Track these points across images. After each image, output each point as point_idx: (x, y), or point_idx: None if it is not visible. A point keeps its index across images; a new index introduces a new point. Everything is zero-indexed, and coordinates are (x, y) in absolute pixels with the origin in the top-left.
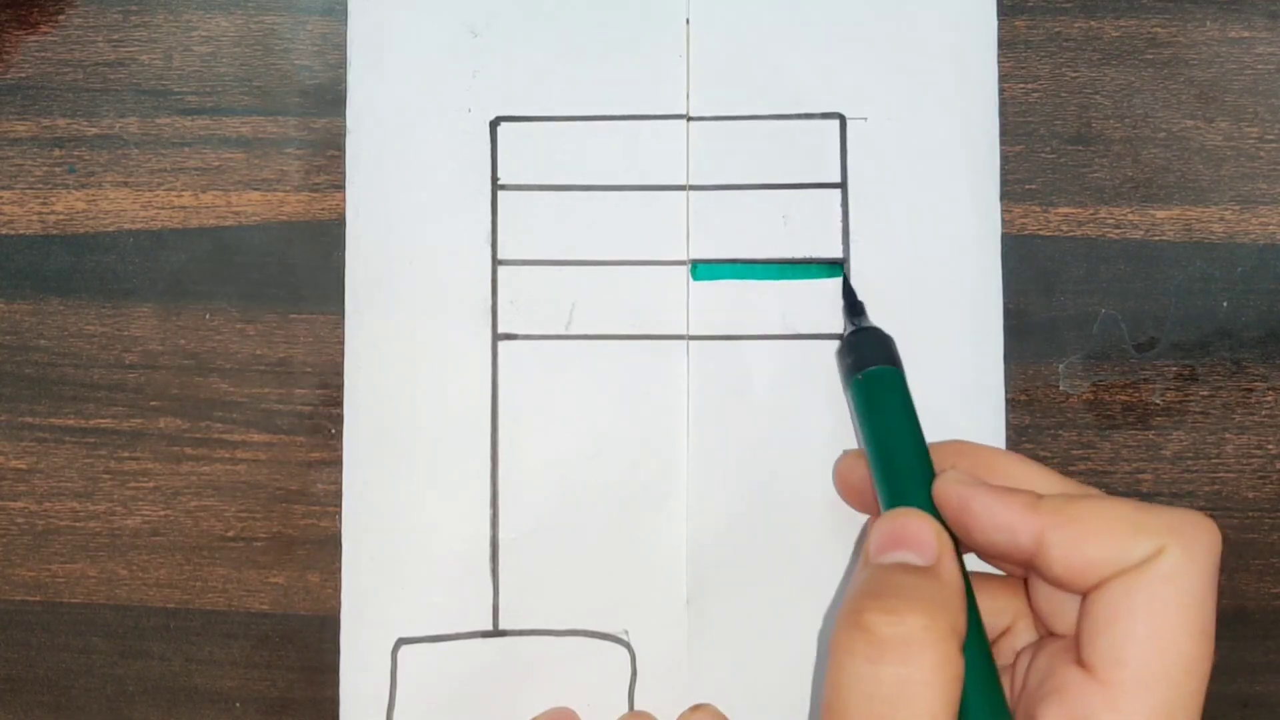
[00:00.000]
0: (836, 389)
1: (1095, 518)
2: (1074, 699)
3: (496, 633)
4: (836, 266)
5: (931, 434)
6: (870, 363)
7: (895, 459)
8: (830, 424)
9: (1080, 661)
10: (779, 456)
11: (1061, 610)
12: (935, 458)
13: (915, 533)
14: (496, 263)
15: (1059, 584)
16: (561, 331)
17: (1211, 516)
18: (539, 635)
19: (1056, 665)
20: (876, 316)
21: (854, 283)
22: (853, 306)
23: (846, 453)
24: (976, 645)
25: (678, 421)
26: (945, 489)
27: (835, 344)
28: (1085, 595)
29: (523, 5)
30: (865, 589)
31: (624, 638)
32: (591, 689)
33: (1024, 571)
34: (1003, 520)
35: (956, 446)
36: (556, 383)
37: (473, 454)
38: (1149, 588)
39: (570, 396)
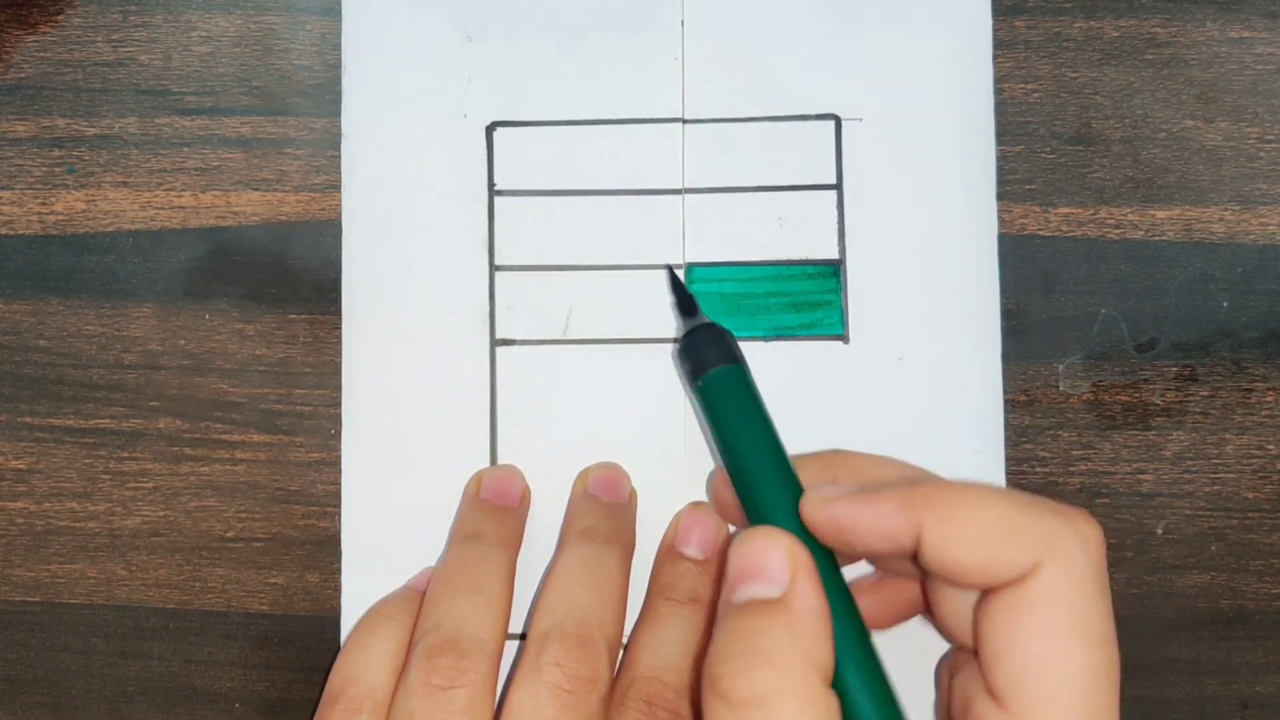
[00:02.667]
0: (834, 390)
1: (969, 517)
2: None
3: None
4: (834, 268)
5: (930, 434)
6: (710, 364)
7: (748, 468)
8: (829, 425)
9: (989, 690)
10: None
11: (956, 619)
12: (808, 473)
13: (761, 559)
14: (494, 268)
15: (943, 579)
16: (559, 336)
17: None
18: None
19: (971, 692)
20: (875, 318)
21: (851, 283)
22: (683, 304)
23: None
24: (857, 663)
25: (676, 425)
26: (811, 512)
27: (835, 345)
28: (976, 614)
29: (517, 10)
30: (717, 646)
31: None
32: None
33: (919, 573)
34: (877, 527)
35: (828, 458)
36: (554, 387)
37: (472, 458)
38: (1034, 609)
39: (568, 400)
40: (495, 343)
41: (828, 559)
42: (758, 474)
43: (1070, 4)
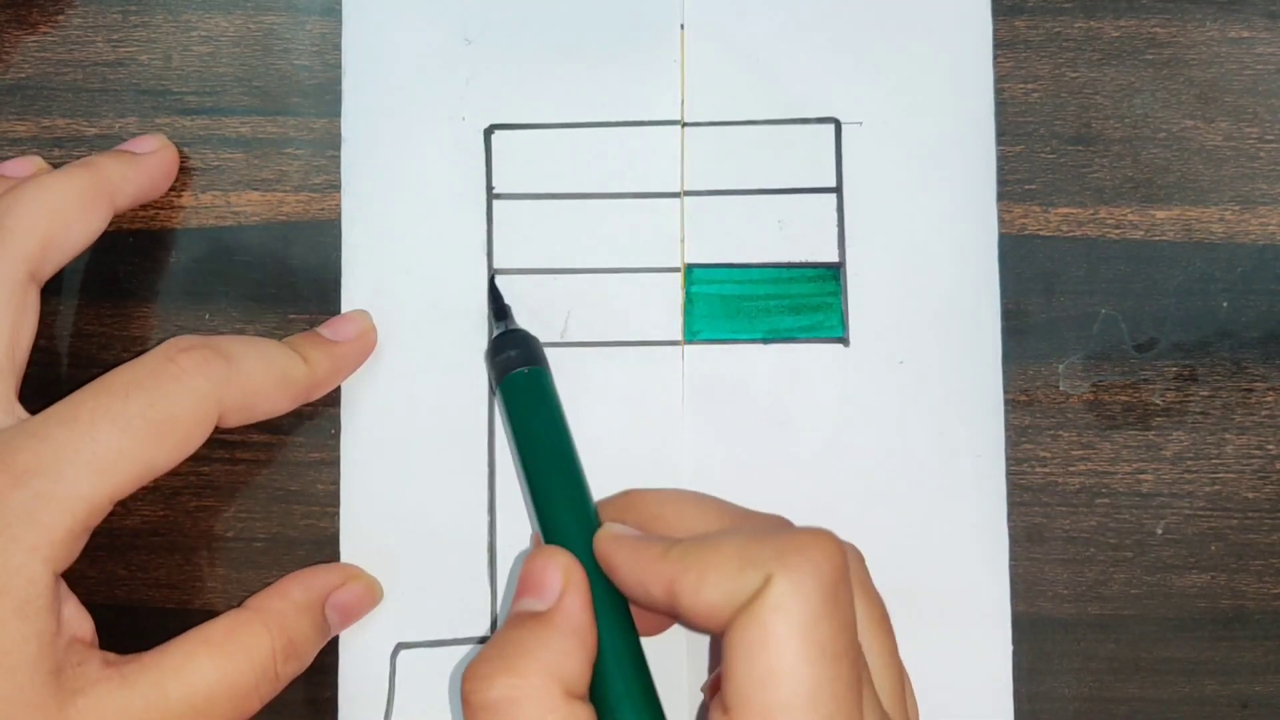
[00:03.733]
0: (833, 391)
1: (711, 558)
2: None
3: None
4: (834, 271)
5: (930, 436)
6: (511, 366)
7: (544, 482)
8: (828, 426)
9: (724, 707)
10: (775, 460)
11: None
12: (606, 512)
13: (538, 574)
14: (492, 271)
15: (701, 630)
16: (557, 339)
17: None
18: None
19: (712, 713)
20: (875, 320)
21: (851, 286)
22: (499, 310)
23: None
24: (624, 678)
25: (674, 427)
26: (596, 547)
27: (833, 348)
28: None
29: (516, 12)
30: (480, 651)
31: None
32: None
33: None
34: (637, 575)
35: (626, 499)
36: None
37: (470, 459)
38: (760, 621)
39: (567, 403)
40: (490, 330)
41: (613, 588)
42: (554, 489)
43: (1070, 4)
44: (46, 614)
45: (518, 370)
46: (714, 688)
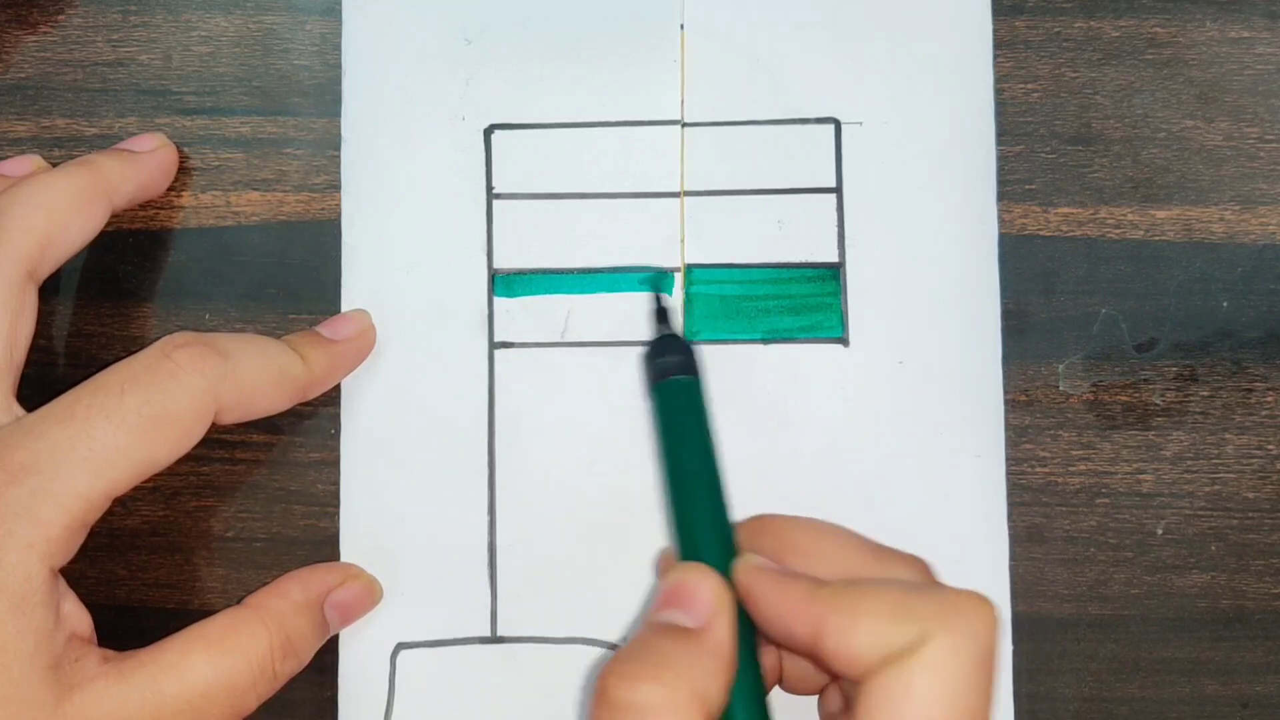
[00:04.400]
0: (834, 392)
1: (864, 605)
2: None
3: (495, 639)
4: (834, 271)
5: (930, 436)
6: (671, 371)
7: (689, 497)
8: (828, 426)
9: None
10: (776, 460)
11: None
12: (740, 537)
13: (690, 591)
14: (492, 271)
15: (840, 675)
16: (557, 339)
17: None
18: (537, 643)
19: None
20: (875, 321)
21: (851, 286)
22: (661, 313)
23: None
24: (749, 713)
25: None
26: (736, 576)
27: (833, 348)
28: (860, 690)
29: (516, 12)
30: (623, 651)
31: (622, 645)
32: (589, 696)
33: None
34: (779, 612)
35: (759, 524)
36: (553, 390)
37: (470, 460)
38: (911, 678)
39: (567, 403)
40: (494, 345)
41: (748, 620)
42: (699, 506)
43: (1070, 4)
44: (43, 610)
45: (676, 376)
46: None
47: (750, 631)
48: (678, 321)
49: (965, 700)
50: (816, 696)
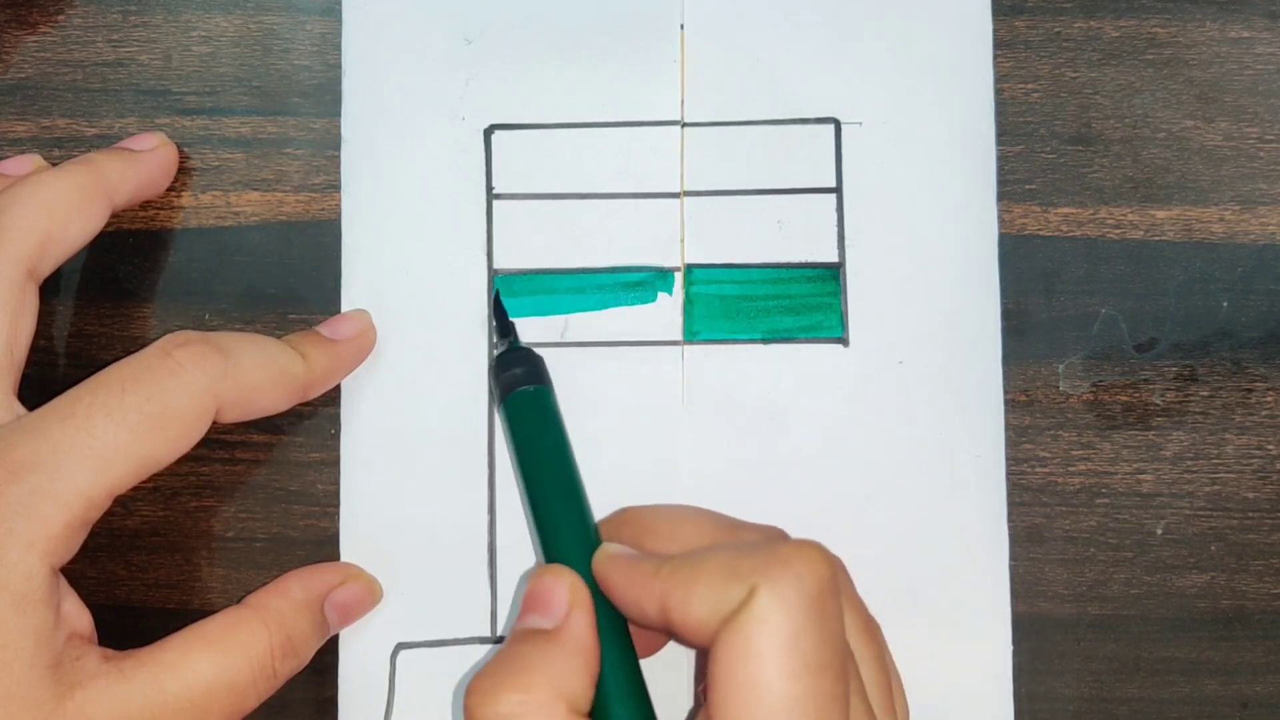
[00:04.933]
0: (832, 393)
1: (698, 572)
2: None
3: (495, 639)
4: (834, 271)
5: (930, 436)
6: (515, 384)
7: (546, 502)
8: (827, 427)
9: (708, 719)
10: (775, 461)
11: None
12: (605, 531)
13: (545, 592)
14: (492, 271)
15: (693, 646)
16: (556, 339)
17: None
18: None
19: None
20: (874, 321)
21: (851, 286)
22: (503, 327)
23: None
24: (624, 697)
25: (674, 428)
26: (594, 566)
27: (832, 348)
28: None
29: (516, 12)
30: (486, 665)
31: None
32: None
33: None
34: (632, 594)
35: (623, 517)
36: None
37: (470, 460)
38: (743, 633)
39: (565, 404)
40: (494, 345)
41: (615, 610)
42: (556, 511)
43: (1070, 4)
44: (44, 608)
45: (521, 389)
46: (701, 702)
47: (620, 621)
48: (516, 328)
49: (803, 644)
50: None
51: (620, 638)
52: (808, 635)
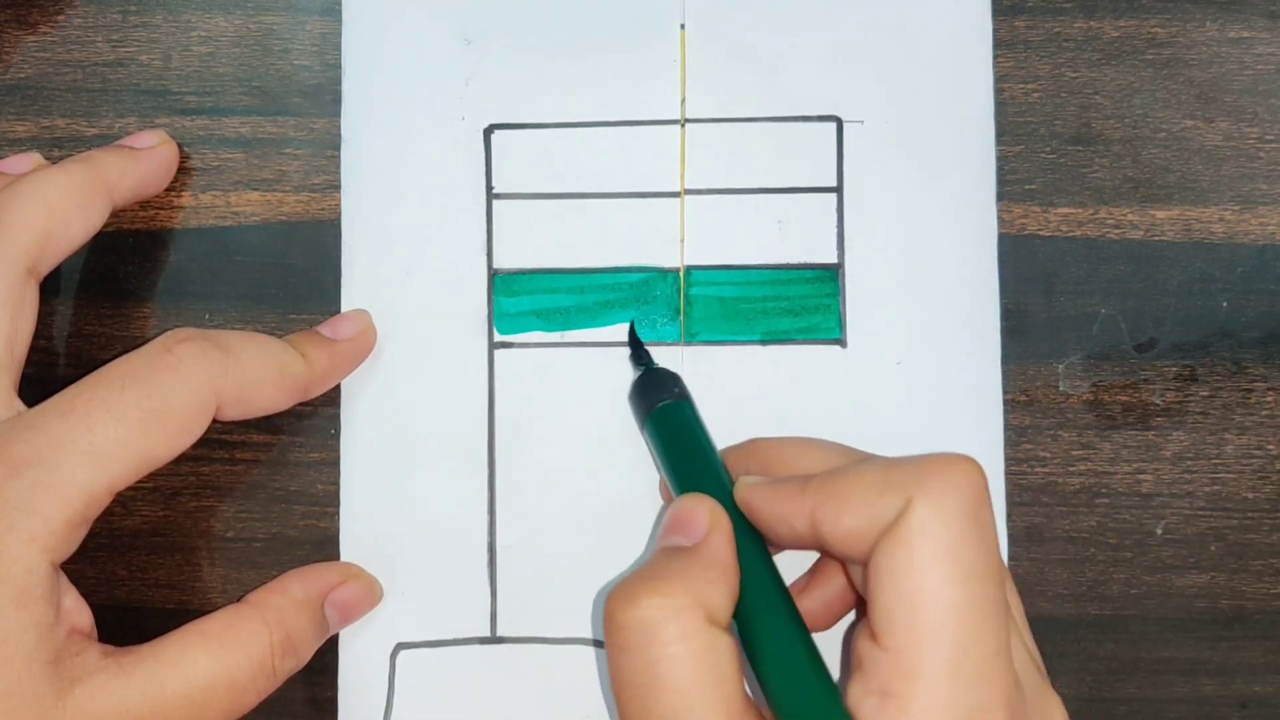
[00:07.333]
0: (832, 394)
1: (849, 486)
2: (870, 672)
3: (495, 639)
4: (833, 273)
5: (929, 436)
6: (662, 399)
7: (694, 481)
8: (826, 428)
9: (871, 633)
10: None
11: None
12: (731, 461)
13: (687, 514)
14: (492, 272)
15: (846, 559)
16: (557, 339)
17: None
18: (537, 643)
19: (857, 641)
20: (873, 322)
21: (850, 287)
22: (638, 354)
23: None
24: (770, 619)
25: None
26: (737, 495)
27: (832, 350)
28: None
29: (516, 12)
30: (627, 577)
31: None
32: (589, 697)
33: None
34: (779, 512)
35: (747, 447)
36: (553, 390)
37: (470, 460)
38: (904, 545)
39: (567, 403)
40: (494, 345)
41: (756, 537)
42: (695, 465)
43: (1070, 4)
44: (44, 604)
45: (668, 401)
46: (859, 614)
47: (761, 547)
48: (650, 353)
49: (965, 553)
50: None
51: (762, 560)
52: (968, 543)
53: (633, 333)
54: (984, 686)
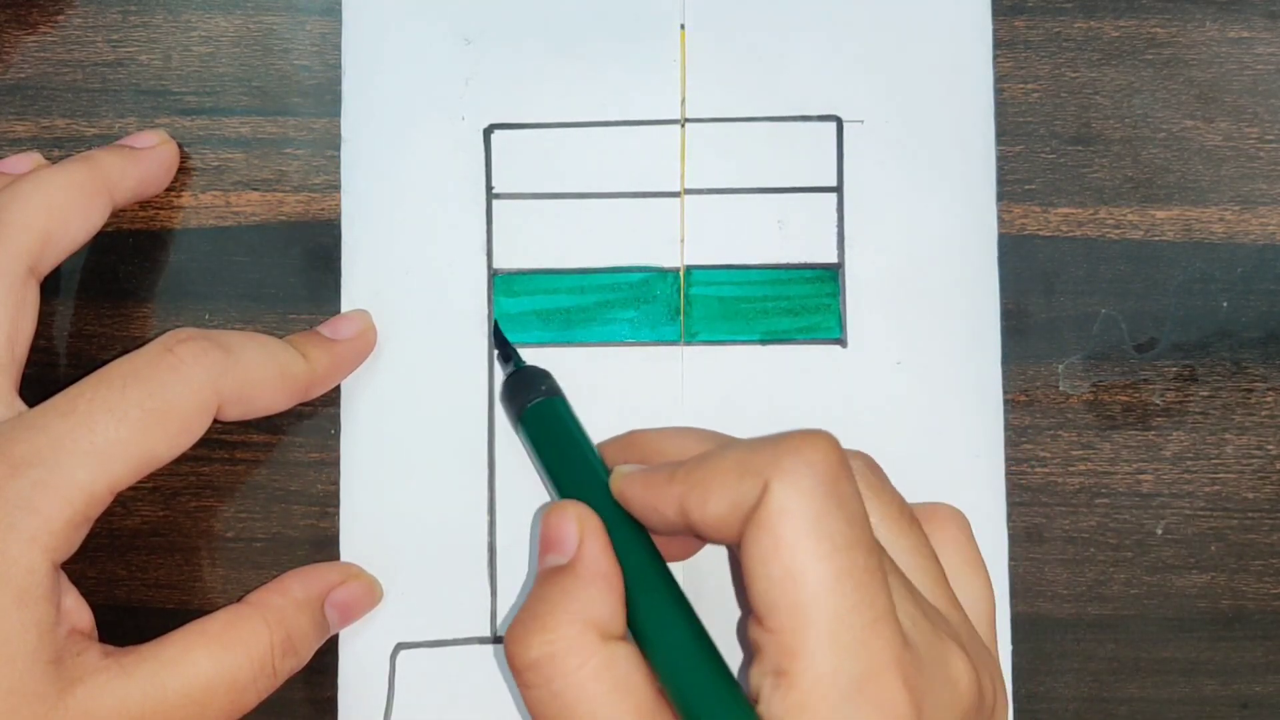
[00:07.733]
0: (832, 393)
1: (712, 472)
2: (764, 655)
3: (495, 639)
4: (833, 273)
5: (929, 436)
6: (532, 398)
7: (570, 477)
8: (826, 428)
9: (755, 617)
10: None
11: None
12: (611, 453)
13: (554, 529)
14: (492, 272)
15: (720, 544)
16: (556, 340)
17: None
18: None
19: (749, 626)
20: (873, 322)
21: (850, 287)
22: (504, 352)
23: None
24: (658, 610)
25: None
26: (612, 487)
27: (832, 349)
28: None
29: (515, 12)
30: (516, 615)
31: None
32: None
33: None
34: (650, 501)
35: (626, 439)
36: None
37: (470, 459)
38: (767, 528)
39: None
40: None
41: (635, 527)
42: (571, 469)
43: (1070, 4)
44: (45, 603)
45: (535, 401)
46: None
47: (641, 538)
48: (515, 351)
49: (826, 527)
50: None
51: (643, 553)
52: (829, 516)
53: (498, 332)
54: (868, 653)
